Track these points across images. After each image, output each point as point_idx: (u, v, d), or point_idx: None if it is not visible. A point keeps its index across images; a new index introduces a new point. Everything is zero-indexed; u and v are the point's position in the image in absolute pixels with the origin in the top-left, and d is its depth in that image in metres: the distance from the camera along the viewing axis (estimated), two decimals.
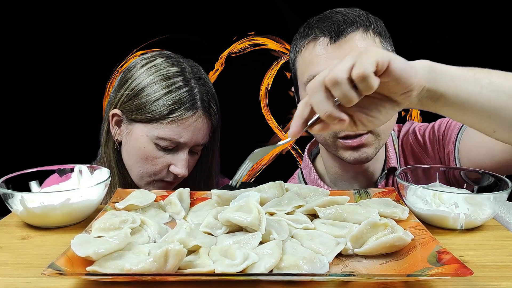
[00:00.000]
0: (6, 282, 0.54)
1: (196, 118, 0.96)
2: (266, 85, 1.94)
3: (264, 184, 0.76)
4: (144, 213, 0.72)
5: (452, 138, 0.92)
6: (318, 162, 1.10)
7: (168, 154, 0.97)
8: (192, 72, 0.99)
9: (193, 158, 1.02)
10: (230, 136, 1.90)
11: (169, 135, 0.95)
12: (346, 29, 0.86)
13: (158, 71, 0.97)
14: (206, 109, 0.98)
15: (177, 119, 0.94)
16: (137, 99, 0.96)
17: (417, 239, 0.59)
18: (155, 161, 0.97)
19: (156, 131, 0.95)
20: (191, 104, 0.95)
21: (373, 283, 0.51)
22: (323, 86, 0.56)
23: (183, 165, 0.97)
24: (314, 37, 0.89)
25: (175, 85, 0.95)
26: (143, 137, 0.97)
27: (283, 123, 1.97)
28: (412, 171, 0.81)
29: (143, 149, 0.97)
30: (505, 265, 0.57)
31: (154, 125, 0.95)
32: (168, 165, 0.98)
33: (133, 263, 0.50)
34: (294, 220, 0.66)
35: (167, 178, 1.00)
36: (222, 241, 0.60)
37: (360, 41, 0.87)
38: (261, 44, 1.92)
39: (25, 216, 0.70)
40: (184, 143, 0.96)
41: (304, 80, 0.91)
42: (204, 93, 0.98)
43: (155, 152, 0.97)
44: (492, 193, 0.67)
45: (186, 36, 1.86)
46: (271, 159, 2.00)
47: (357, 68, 0.53)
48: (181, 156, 0.97)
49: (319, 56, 0.87)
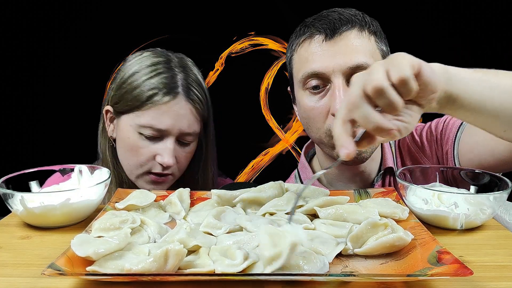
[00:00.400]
0: (6, 282, 0.54)
1: (176, 103, 0.95)
2: (266, 85, 1.94)
3: (264, 184, 0.76)
4: (144, 213, 0.72)
5: (451, 138, 0.92)
6: (314, 163, 1.10)
7: (153, 144, 0.96)
8: (178, 62, 1.00)
9: (183, 149, 1.00)
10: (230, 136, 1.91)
11: (148, 121, 0.94)
12: (341, 27, 0.87)
13: (143, 61, 0.99)
14: (188, 95, 0.96)
15: (155, 104, 0.94)
16: (122, 89, 0.97)
17: (417, 239, 0.59)
18: (141, 152, 0.96)
19: (138, 119, 0.95)
20: (169, 88, 0.95)
21: (373, 283, 0.51)
22: (364, 98, 0.54)
23: (168, 153, 0.95)
24: (310, 34, 0.90)
25: (156, 71, 0.96)
26: (127, 127, 0.97)
27: (283, 123, 1.97)
28: (412, 171, 0.81)
29: (128, 140, 0.97)
30: (505, 265, 0.57)
31: (136, 113, 0.95)
32: (154, 155, 0.97)
33: (133, 263, 0.50)
34: (294, 220, 0.66)
35: (154, 169, 0.98)
36: (222, 241, 0.60)
37: (355, 39, 0.87)
38: (261, 44, 1.92)
39: (25, 216, 0.70)
40: (166, 130, 0.95)
41: (299, 78, 0.91)
42: (186, 80, 0.97)
43: (139, 142, 0.96)
44: (492, 193, 0.67)
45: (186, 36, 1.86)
46: (271, 159, 2.00)
47: (396, 73, 0.52)
48: (166, 145, 0.96)
49: (314, 54, 0.88)
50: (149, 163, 0.97)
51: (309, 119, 0.92)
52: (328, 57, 0.86)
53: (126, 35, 1.83)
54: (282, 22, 1.87)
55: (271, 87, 1.93)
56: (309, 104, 0.90)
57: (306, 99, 0.91)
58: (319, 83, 0.88)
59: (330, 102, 0.87)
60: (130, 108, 0.96)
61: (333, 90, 0.86)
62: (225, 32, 1.89)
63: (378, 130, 0.54)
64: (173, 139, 0.96)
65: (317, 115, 0.90)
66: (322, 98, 0.89)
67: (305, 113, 0.92)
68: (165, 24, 1.87)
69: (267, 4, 1.85)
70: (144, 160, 0.97)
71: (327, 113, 0.88)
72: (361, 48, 0.87)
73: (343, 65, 0.85)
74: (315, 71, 0.87)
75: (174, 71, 0.98)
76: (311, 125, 0.93)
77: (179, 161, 1.00)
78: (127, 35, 1.83)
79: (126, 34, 1.83)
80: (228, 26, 1.89)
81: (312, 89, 0.89)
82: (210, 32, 1.87)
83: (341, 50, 0.86)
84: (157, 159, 0.96)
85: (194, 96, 0.98)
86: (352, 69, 0.85)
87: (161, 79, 0.95)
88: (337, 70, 0.85)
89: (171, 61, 1.00)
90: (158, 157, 0.96)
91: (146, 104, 0.94)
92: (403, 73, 0.52)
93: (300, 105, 0.94)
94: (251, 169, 2.00)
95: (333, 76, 0.86)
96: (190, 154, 1.03)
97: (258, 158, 1.99)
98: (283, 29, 1.88)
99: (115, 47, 1.79)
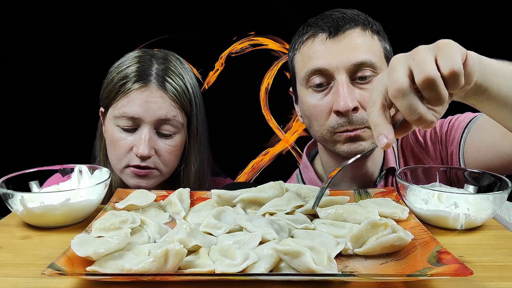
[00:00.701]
0: (6, 282, 0.54)
1: (147, 90, 0.94)
2: (266, 85, 1.94)
3: (264, 184, 0.76)
4: (144, 213, 0.72)
5: (456, 138, 0.92)
6: (316, 162, 1.10)
7: (130, 135, 0.96)
8: (161, 56, 1.01)
9: (164, 141, 0.98)
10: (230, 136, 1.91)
11: (121, 111, 0.94)
12: (344, 25, 0.88)
13: (126, 58, 1.01)
14: (162, 84, 0.96)
15: (126, 92, 0.94)
16: (106, 87, 0.99)
17: (417, 239, 0.59)
18: (118, 144, 0.96)
19: (113, 111, 0.96)
20: (140, 76, 0.95)
21: (373, 283, 0.51)
22: (412, 87, 0.50)
23: (142, 143, 0.94)
24: (313, 33, 0.90)
25: (132, 63, 0.98)
26: (108, 122, 0.99)
27: (283, 123, 1.97)
28: (412, 171, 0.81)
29: (109, 134, 0.98)
30: (505, 265, 0.57)
31: (112, 105, 0.97)
32: (131, 147, 0.96)
33: (133, 263, 0.50)
34: (294, 220, 0.66)
35: (132, 162, 0.96)
36: (222, 241, 0.60)
37: (358, 37, 0.88)
38: (261, 44, 1.92)
39: (25, 216, 0.70)
40: (138, 117, 0.94)
41: (302, 76, 0.91)
42: (161, 70, 0.97)
43: (117, 135, 0.96)
44: (492, 193, 0.67)
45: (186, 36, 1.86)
46: (271, 159, 2.00)
47: (448, 64, 0.49)
48: (141, 135, 0.94)
49: (317, 51, 0.88)
50: (128, 155, 0.96)
51: (312, 117, 0.92)
52: (331, 54, 0.87)
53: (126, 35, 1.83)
54: (282, 22, 1.87)
55: (271, 87, 1.93)
56: (312, 102, 0.90)
57: (309, 97, 0.91)
58: (322, 80, 0.88)
59: (333, 99, 0.87)
60: (109, 102, 0.98)
61: (336, 87, 0.87)
62: (225, 32, 1.89)
63: (419, 121, 0.51)
64: (149, 128, 0.95)
65: (320, 112, 0.90)
66: (325, 96, 0.89)
67: (308, 111, 0.92)
68: (165, 24, 1.87)
69: (267, 4, 1.85)
70: (123, 153, 0.96)
71: (330, 111, 0.89)
72: (365, 46, 0.88)
73: (346, 62, 0.86)
74: (319, 68, 0.87)
75: (151, 62, 0.98)
76: (313, 123, 0.93)
77: (161, 154, 0.97)
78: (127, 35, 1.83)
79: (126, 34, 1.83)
80: (228, 26, 1.89)
81: (315, 87, 0.89)
82: (210, 32, 1.87)
83: (344, 48, 0.87)
84: (133, 150, 0.95)
85: (169, 85, 0.97)
86: (356, 66, 0.86)
87: (134, 68, 0.97)
88: (340, 67, 0.86)
89: (154, 55, 1.01)
90: (134, 148, 0.95)
91: (118, 94, 0.95)
92: (456, 65, 0.48)
93: (303, 103, 0.94)
94: (251, 169, 2.00)
95: (336, 73, 0.86)
96: (174, 148, 1.00)
97: (258, 158, 1.99)
98: (283, 29, 1.88)
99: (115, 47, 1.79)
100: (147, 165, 0.96)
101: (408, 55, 0.53)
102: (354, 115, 0.86)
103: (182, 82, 0.99)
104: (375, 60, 0.88)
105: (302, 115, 0.98)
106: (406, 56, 0.53)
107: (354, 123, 0.87)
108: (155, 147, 0.96)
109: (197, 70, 1.86)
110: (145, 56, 1.01)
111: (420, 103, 0.50)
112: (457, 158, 0.92)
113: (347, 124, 0.87)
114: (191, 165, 1.05)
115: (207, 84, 1.90)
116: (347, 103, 0.84)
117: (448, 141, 0.94)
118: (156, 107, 0.94)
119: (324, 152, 1.02)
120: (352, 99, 0.85)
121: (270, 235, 0.59)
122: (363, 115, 0.87)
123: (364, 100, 0.86)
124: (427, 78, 0.49)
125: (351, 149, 0.89)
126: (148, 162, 0.96)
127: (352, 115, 0.86)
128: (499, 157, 0.84)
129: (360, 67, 0.86)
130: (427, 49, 0.51)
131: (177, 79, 0.98)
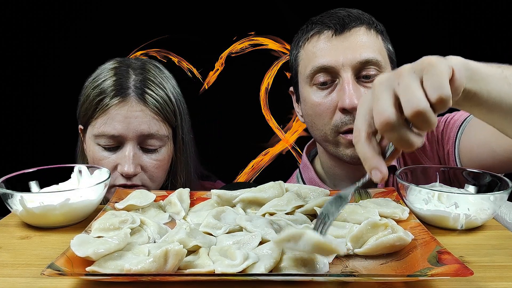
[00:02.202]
0: (6, 282, 0.54)
1: (126, 105, 0.89)
2: (266, 85, 1.94)
3: (264, 184, 0.76)
4: (144, 213, 0.72)
5: (452, 137, 0.92)
6: (316, 162, 1.10)
7: (113, 154, 0.91)
8: (139, 66, 0.95)
9: (149, 156, 0.93)
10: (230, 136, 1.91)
11: (100, 130, 0.89)
12: (350, 23, 0.88)
13: (101, 71, 0.95)
14: (142, 96, 0.90)
15: (104, 109, 0.89)
16: (81, 103, 0.95)
17: (417, 239, 0.59)
18: (102, 164, 0.90)
19: (92, 129, 0.91)
20: (117, 91, 0.90)
21: (373, 283, 0.51)
22: (401, 119, 0.47)
23: (127, 161, 0.89)
24: (318, 30, 0.90)
25: (107, 76, 0.92)
26: (88, 141, 0.93)
27: (283, 123, 1.98)
28: (412, 171, 0.81)
29: (90, 153, 0.93)
30: (505, 265, 0.57)
31: (91, 124, 0.92)
32: (115, 165, 0.91)
33: (133, 263, 0.50)
34: (294, 220, 0.66)
35: (118, 181, 0.91)
36: (222, 241, 0.60)
37: (363, 36, 0.88)
38: (261, 44, 1.92)
39: (25, 216, 0.70)
40: (119, 135, 0.89)
41: (307, 73, 0.91)
42: (139, 81, 0.92)
43: (99, 154, 0.91)
44: (492, 193, 0.67)
45: (186, 36, 1.86)
46: (271, 159, 2.00)
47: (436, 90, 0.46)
48: (124, 153, 0.90)
49: (323, 49, 0.88)
50: (113, 175, 0.91)
51: (316, 115, 0.91)
52: (337, 51, 0.87)
53: (126, 35, 1.83)
54: (282, 22, 1.87)
55: (271, 87, 1.93)
56: (316, 100, 0.90)
57: (313, 95, 0.91)
58: (327, 78, 0.88)
59: (338, 97, 0.87)
60: (87, 120, 0.92)
61: (341, 85, 0.87)
62: (225, 32, 1.89)
63: (410, 148, 0.49)
64: (132, 145, 0.90)
65: (324, 110, 0.89)
66: (329, 93, 0.89)
67: (312, 109, 0.92)
68: (165, 24, 1.87)
69: (267, 4, 1.86)
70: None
71: (334, 109, 0.88)
72: (370, 44, 0.88)
73: (352, 60, 0.86)
74: (324, 65, 0.87)
75: (128, 74, 0.93)
76: (316, 122, 0.92)
77: (148, 170, 0.93)
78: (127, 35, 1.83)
79: (126, 34, 1.83)
80: (228, 26, 1.89)
81: (320, 85, 0.89)
82: (210, 32, 1.87)
83: (350, 45, 0.87)
84: (118, 169, 0.90)
85: (149, 97, 0.91)
86: (361, 64, 0.86)
87: (110, 82, 0.91)
88: (346, 64, 0.86)
89: (130, 65, 0.95)
90: (118, 167, 0.90)
91: (96, 112, 0.90)
92: (444, 91, 0.46)
93: (306, 102, 0.93)
94: (251, 169, 2.00)
95: (342, 70, 0.86)
96: (160, 163, 0.94)
97: (258, 158, 1.99)
98: (283, 29, 1.89)
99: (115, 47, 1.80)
100: (134, 183, 0.91)
101: (392, 78, 0.49)
102: None
103: (163, 92, 0.93)
104: (380, 59, 0.88)
105: (304, 114, 0.97)
106: (389, 80, 0.50)
107: None
108: (140, 163, 0.91)
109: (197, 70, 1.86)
110: (122, 67, 0.95)
111: (410, 132, 0.48)
112: (453, 157, 0.92)
113: (352, 122, 0.87)
114: (177, 178, 1.00)
115: (207, 84, 1.90)
116: (352, 100, 0.84)
117: (444, 140, 0.94)
118: (137, 122, 0.89)
119: (323, 153, 1.02)
120: (358, 97, 0.85)
121: (270, 235, 0.59)
122: None
123: None
124: (416, 111, 0.46)
125: (355, 154, 0.89)
126: (135, 180, 0.91)
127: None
128: (491, 157, 0.84)
129: (365, 65, 0.86)
130: (412, 71, 0.48)
131: (157, 89, 0.93)
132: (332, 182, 1.04)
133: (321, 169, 1.07)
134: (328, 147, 0.94)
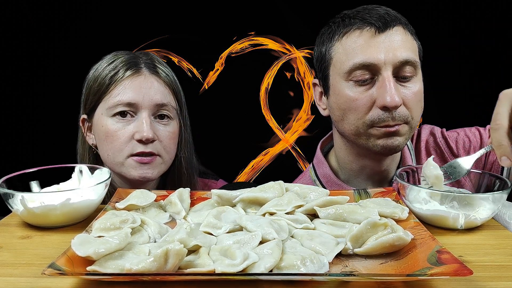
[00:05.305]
0: (6, 282, 0.54)
1: (140, 77, 0.95)
2: (266, 85, 1.94)
3: (264, 184, 0.76)
4: (144, 213, 0.72)
5: None
6: (331, 157, 1.09)
7: (128, 124, 0.94)
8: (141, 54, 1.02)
9: (163, 127, 0.97)
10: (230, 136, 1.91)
11: (116, 100, 0.94)
12: (392, 21, 0.89)
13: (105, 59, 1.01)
14: (153, 70, 0.97)
15: (118, 81, 0.94)
16: (87, 89, 0.99)
17: (417, 239, 0.59)
18: (117, 135, 0.94)
19: (106, 103, 0.95)
20: (131, 64, 0.96)
21: (373, 283, 0.52)
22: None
23: (145, 126, 0.92)
24: (359, 26, 0.90)
25: (116, 57, 0.99)
26: (101, 117, 0.96)
27: (283, 123, 1.97)
28: (412, 171, 0.81)
29: (103, 129, 0.96)
30: (505, 265, 0.57)
31: (104, 99, 0.96)
32: (132, 135, 0.94)
33: (133, 263, 0.50)
34: (294, 220, 0.66)
35: (136, 149, 0.94)
36: (222, 241, 0.60)
37: (403, 34, 0.90)
38: (261, 44, 1.92)
39: (26, 216, 0.70)
40: (135, 102, 0.93)
41: (345, 68, 0.90)
42: (148, 59, 0.99)
43: (114, 126, 0.94)
44: (492, 193, 0.68)
45: (186, 36, 1.86)
46: (271, 159, 2.00)
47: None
48: (141, 120, 0.94)
49: (365, 45, 0.88)
50: (129, 144, 0.94)
51: (350, 110, 0.91)
52: (380, 49, 0.87)
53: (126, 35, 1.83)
54: (282, 22, 1.87)
55: (271, 87, 1.93)
56: (352, 95, 0.90)
57: (349, 90, 0.90)
58: (367, 75, 0.89)
59: (376, 94, 0.88)
60: (98, 98, 0.96)
61: (382, 82, 0.87)
62: (225, 32, 1.89)
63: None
64: (147, 112, 0.94)
65: (360, 106, 0.89)
66: (368, 89, 0.89)
67: (346, 103, 0.91)
68: (165, 24, 1.87)
69: (267, 4, 1.86)
70: (123, 142, 0.94)
71: (371, 105, 0.89)
72: (408, 44, 0.90)
73: (394, 59, 0.87)
74: (366, 63, 0.87)
75: (136, 55, 1.00)
76: (350, 116, 0.92)
77: (162, 140, 0.96)
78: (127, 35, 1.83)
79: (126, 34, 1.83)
80: (228, 26, 1.89)
81: (359, 81, 0.89)
82: (210, 32, 1.87)
83: (392, 44, 0.88)
84: (135, 137, 0.93)
85: (160, 71, 0.98)
86: (402, 63, 0.87)
87: (122, 59, 0.97)
88: (388, 63, 0.87)
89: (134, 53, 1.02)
90: (136, 134, 0.93)
91: (110, 86, 0.95)
92: None
93: (340, 96, 0.93)
94: (251, 169, 2.00)
95: (383, 68, 0.87)
96: (173, 134, 0.99)
97: (258, 158, 2.00)
98: (283, 29, 1.89)
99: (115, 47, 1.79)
100: (151, 151, 0.95)
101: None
102: (397, 111, 0.88)
103: (170, 71, 1.01)
104: (417, 60, 0.90)
105: (334, 107, 0.96)
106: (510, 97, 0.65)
107: (396, 119, 0.88)
108: (156, 132, 0.95)
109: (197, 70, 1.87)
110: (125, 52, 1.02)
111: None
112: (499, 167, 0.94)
113: (390, 119, 0.88)
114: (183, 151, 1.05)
115: (207, 84, 1.90)
116: (394, 98, 0.85)
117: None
118: (152, 92, 0.95)
119: (343, 148, 1.01)
120: (398, 95, 0.86)
121: (270, 235, 0.59)
122: (404, 112, 0.88)
123: (406, 98, 0.88)
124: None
125: (387, 143, 0.90)
126: (152, 148, 0.95)
127: (395, 111, 0.87)
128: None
129: (404, 65, 0.88)
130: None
131: (165, 68, 1.00)
132: (347, 178, 1.04)
133: (336, 164, 1.06)
134: (357, 140, 0.94)
